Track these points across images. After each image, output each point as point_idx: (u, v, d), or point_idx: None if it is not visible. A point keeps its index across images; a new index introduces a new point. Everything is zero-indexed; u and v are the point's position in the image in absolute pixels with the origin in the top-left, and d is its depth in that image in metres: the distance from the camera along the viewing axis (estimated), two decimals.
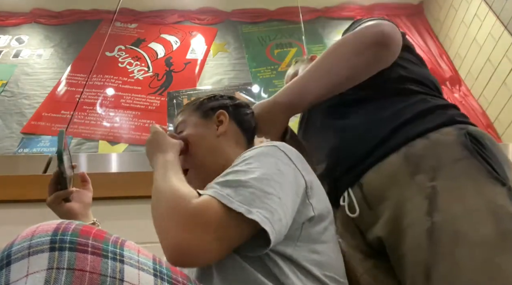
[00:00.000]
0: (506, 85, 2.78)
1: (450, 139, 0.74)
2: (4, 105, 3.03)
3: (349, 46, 0.86)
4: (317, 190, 0.70)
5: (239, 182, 0.60)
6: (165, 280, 0.52)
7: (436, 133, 0.75)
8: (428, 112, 0.79)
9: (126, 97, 3.13)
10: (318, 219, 0.67)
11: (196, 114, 0.89)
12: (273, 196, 0.60)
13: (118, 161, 1.75)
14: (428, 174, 0.71)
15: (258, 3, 3.91)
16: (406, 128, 0.78)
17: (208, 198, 0.59)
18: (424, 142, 0.75)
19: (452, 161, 0.71)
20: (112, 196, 1.35)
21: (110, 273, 0.47)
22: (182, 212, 0.59)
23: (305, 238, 0.65)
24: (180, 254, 0.56)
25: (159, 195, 0.65)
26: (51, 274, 0.45)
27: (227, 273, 0.62)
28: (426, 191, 0.70)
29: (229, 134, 0.86)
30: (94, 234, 0.50)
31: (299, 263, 0.63)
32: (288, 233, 0.63)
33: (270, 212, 0.58)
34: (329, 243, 0.69)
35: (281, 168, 0.65)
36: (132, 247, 0.53)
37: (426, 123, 0.77)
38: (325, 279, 0.64)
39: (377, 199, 0.76)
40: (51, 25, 3.75)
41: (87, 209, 0.94)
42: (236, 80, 3.30)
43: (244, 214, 0.56)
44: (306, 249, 0.64)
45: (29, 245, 0.47)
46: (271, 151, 0.68)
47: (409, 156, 0.74)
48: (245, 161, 0.66)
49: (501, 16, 2.93)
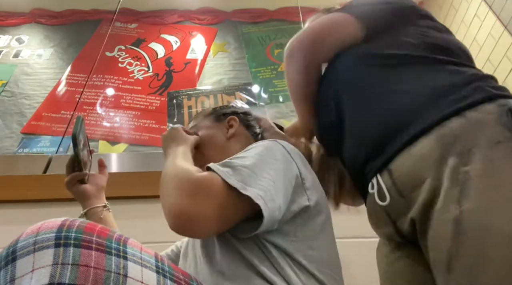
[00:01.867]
0: (506, 85, 2.78)
1: (491, 118, 0.65)
2: (4, 105, 3.03)
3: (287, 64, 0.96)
4: (313, 184, 0.73)
5: (238, 164, 0.65)
6: (167, 277, 0.53)
7: (474, 111, 0.66)
8: (463, 85, 0.71)
9: (126, 97, 3.13)
10: (314, 212, 0.70)
11: (209, 118, 0.97)
12: (267, 179, 0.63)
13: (118, 161, 1.75)
14: (463, 157, 0.63)
15: (258, 3, 3.91)
16: (439, 104, 0.69)
17: (211, 172, 0.64)
18: (460, 122, 0.66)
19: (491, 143, 0.62)
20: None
21: (114, 269, 0.48)
22: (185, 180, 0.63)
23: (301, 234, 0.67)
24: (181, 219, 0.59)
25: (166, 174, 0.69)
26: (56, 269, 0.46)
27: (232, 256, 0.65)
28: (459, 177, 0.62)
29: (238, 136, 0.93)
30: (98, 231, 0.51)
31: (295, 258, 0.64)
32: (284, 229, 0.65)
33: (264, 191, 0.61)
34: (325, 240, 0.71)
35: (277, 157, 0.69)
36: (135, 244, 0.54)
37: (462, 99, 0.68)
38: (320, 275, 0.65)
39: (408, 186, 0.68)
40: (51, 25, 3.75)
41: (100, 192, 0.99)
42: (236, 80, 3.30)
43: (239, 190, 0.60)
44: (302, 245, 0.66)
45: (34, 241, 0.48)
46: (270, 143, 0.73)
47: (443, 137, 0.66)
48: (246, 151, 0.71)
49: (501, 16, 2.94)
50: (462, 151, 0.63)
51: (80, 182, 0.96)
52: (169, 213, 0.60)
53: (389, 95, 0.76)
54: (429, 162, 0.66)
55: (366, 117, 0.78)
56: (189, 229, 0.60)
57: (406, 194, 0.69)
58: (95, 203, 0.95)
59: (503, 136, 0.62)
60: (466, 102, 0.67)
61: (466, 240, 0.58)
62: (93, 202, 0.95)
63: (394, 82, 0.77)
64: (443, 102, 0.69)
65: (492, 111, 0.66)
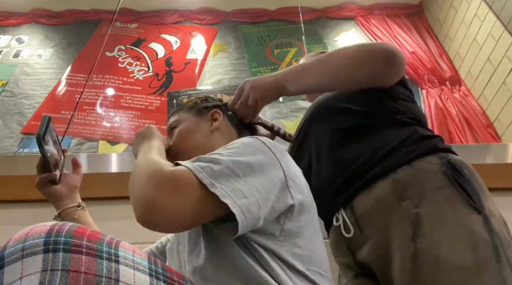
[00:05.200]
0: (506, 85, 2.78)
1: (433, 168, 0.80)
2: (4, 105, 3.03)
3: (358, 52, 0.91)
4: (298, 182, 0.71)
5: (211, 159, 0.63)
6: (160, 279, 0.52)
7: (421, 161, 0.81)
8: (415, 142, 0.85)
9: (126, 97, 3.13)
10: (299, 210, 0.68)
11: (190, 112, 0.94)
12: (239, 178, 0.61)
13: (118, 161, 1.75)
14: (413, 200, 0.77)
15: (258, 3, 3.91)
16: (394, 155, 0.83)
17: (183, 167, 0.61)
18: (409, 170, 0.80)
19: (434, 189, 0.77)
20: (112, 196, 1.35)
21: (106, 274, 0.47)
22: (155, 174, 0.60)
23: (287, 233, 0.66)
24: (147, 209, 0.56)
25: (136, 167, 0.67)
26: (45, 276, 0.44)
27: (217, 256, 0.63)
28: (411, 218, 0.75)
29: (222, 130, 0.90)
30: (88, 235, 0.50)
31: (283, 257, 0.63)
32: (269, 229, 0.64)
33: (233, 190, 0.59)
34: (312, 237, 0.69)
35: (255, 153, 0.66)
36: (127, 247, 0.53)
37: (411, 152, 0.83)
38: (309, 273, 0.65)
39: (366, 222, 0.81)
40: (51, 25, 3.75)
41: (73, 192, 0.95)
42: (236, 80, 3.29)
43: (207, 187, 0.58)
44: (288, 243, 0.65)
45: (22, 247, 0.46)
46: (251, 140, 0.70)
47: (396, 182, 0.80)
48: (224, 147, 0.68)
49: (501, 16, 2.93)
50: (413, 195, 0.77)
51: (51, 183, 0.92)
52: (135, 203, 0.58)
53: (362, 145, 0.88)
54: (384, 203, 0.79)
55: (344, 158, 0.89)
56: (155, 222, 0.57)
57: (363, 230, 0.82)
58: (68, 204, 0.93)
59: (443, 182, 0.77)
60: (414, 154, 0.82)
61: (422, 271, 0.71)
62: (66, 203, 0.93)
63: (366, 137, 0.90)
64: (397, 154, 0.83)
65: (434, 162, 0.81)
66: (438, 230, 0.73)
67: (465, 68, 3.25)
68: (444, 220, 0.74)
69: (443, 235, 0.72)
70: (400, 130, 0.88)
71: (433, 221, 0.74)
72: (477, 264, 0.69)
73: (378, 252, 0.79)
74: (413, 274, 0.72)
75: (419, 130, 0.88)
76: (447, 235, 0.72)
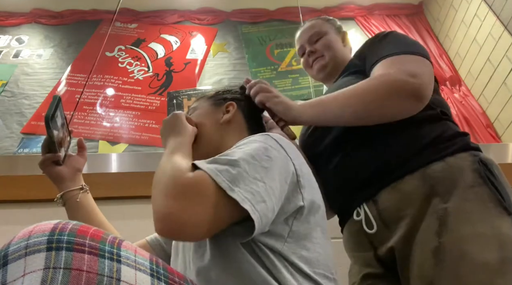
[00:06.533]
0: (506, 85, 2.79)
1: (466, 164, 0.79)
2: (4, 105, 3.03)
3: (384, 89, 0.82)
4: (309, 181, 0.70)
5: (228, 161, 0.61)
6: (161, 280, 0.52)
7: (453, 157, 0.80)
8: (450, 138, 0.84)
9: (126, 97, 3.14)
10: (308, 211, 0.67)
11: (209, 101, 0.92)
12: (257, 180, 0.60)
13: (118, 161, 1.75)
14: (443, 195, 0.76)
15: (258, 3, 3.91)
16: (427, 151, 0.82)
17: (201, 172, 0.60)
18: (442, 165, 0.80)
19: (467, 186, 0.76)
20: (112, 196, 1.35)
21: (107, 273, 0.47)
22: (175, 183, 0.59)
23: (295, 234, 0.65)
24: (168, 222, 0.56)
25: (159, 171, 0.66)
26: (48, 273, 0.45)
27: (222, 258, 0.62)
28: (439, 213, 0.75)
29: (233, 124, 0.87)
30: (91, 234, 0.50)
31: (290, 259, 0.63)
32: (277, 230, 0.63)
33: (251, 194, 0.58)
34: (319, 239, 0.69)
35: (270, 154, 0.65)
36: (129, 247, 0.53)
37: (446, 148, 0.82)
38: (315, 276, 0.64)
39: (393, 217, 0.80)
40: (51, 25, 3.76)
41: (76, 175, 0.94)
42: (236, 80, 3.29)
43: (226, 191, 0.57)
44: (296, 245, 0.65)
45: (26, 245, 0.47)
46: (263, 138, 0.69)
47: (426, 177, 0.79)
48: (237, 147, 0.67)
49: (501, 16, 2.94)
50: (443, 190, 0.77)
51: (55, 164, 0.90)
52: (155, 216, 0.58)
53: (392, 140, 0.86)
54: (412, 197, 0.78)
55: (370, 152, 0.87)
56: (177, 233, 0.57)
57: (389, 225, 0.80)
58: (70, 186, 0.91)
59: (476, 181, 0.77)
60: (448, 150, 0.81)
61: (445, 267, 0.71)
62: (68, 185, 0.91)
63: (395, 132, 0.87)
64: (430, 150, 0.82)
65: (467, 159, 0.80)
66: (465, 227, 0.73)
67: (465, 68, 3.25)
68: (473, 218, 0.74)
69: (470, 232, 0.72)
70: (433, 125, 0.86)
71: (461, 217, 0.74)
72: (503, 264, 0.69)
73: (402, 242, 0.78)
74: (435, 268, 0.71)
75: (452, 126, 0.87)
76: (475, 232, 0.72)
